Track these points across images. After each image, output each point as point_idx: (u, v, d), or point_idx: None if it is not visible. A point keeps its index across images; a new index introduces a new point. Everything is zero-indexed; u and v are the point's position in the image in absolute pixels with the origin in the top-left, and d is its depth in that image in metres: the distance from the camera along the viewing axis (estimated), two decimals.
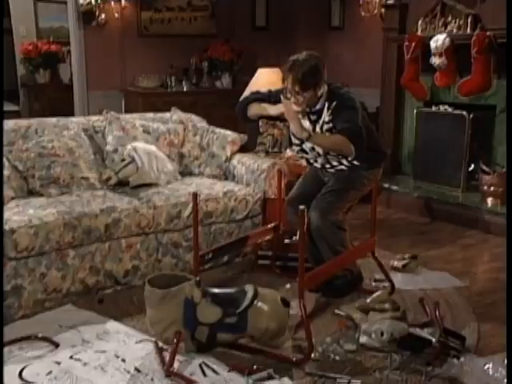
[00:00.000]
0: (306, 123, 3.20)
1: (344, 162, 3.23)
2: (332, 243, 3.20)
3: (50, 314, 3.04)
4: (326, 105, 3.14)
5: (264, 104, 3.30)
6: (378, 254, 3.82)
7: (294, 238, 3.49)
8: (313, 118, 3.21)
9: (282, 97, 3.17)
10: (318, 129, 3.19)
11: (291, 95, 3.10)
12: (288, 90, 3.11)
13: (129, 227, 3.31)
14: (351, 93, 3.27)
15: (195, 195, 2.91)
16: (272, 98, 3.30)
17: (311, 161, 3.39)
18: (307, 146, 3.25)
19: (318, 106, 3.17)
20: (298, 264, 2.67)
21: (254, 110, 3.33)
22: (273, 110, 3.23)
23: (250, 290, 2.61)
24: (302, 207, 2.65)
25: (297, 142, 3.30)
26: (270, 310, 2.57)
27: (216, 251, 3.17)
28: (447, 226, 4.62)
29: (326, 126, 3.16)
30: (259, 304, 2.56)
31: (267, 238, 3.52)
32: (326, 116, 3.15)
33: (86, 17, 5.99)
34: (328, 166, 3.31)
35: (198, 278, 2.62)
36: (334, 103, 3.13)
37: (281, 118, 3.27)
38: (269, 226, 3.53)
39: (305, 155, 3.38)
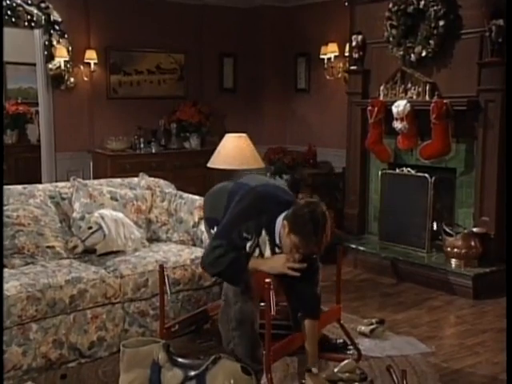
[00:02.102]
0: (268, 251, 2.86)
1: None
2: None
3: None
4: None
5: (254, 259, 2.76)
6: (345, 318, 3.84)
7: None
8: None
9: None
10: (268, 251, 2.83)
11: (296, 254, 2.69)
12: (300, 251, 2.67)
13: (95, 298, 3.27)
14: None
15: (162, 267, 2.91)
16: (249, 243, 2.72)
17: None
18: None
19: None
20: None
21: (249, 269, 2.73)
22: (267, 266, 2.75)
23: (212, 357, 2.61)
24: (268, 280, 2.66)
25: None
26: (229, 377, 2.55)
27: (181, 322, 3.15)
28: (413, 287, 4.67)
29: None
30: (217, 370, 2.56)
31: None
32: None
33: (55, 80, 6.05)
34: None
35: (166, 342, 2.62)
36: None
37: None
38: None
39: None
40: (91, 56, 6.21)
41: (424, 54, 4.84)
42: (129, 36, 6.44)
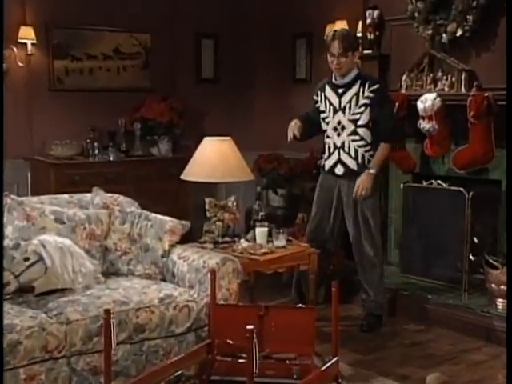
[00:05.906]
0: (334, 98, 4.65)
1: (360, 150, 4.63)
2: None
3: None
4: (359, 82, 4.55)
5: None
6: (358, 375, 3.84)
7: None
8: (340, 90, 4.63)
9: None
10: (344, 103, 4.60)
11: (334, 59, 4.52)
12: (331, 55, 4.52)
13: (31, 352, 3.22)
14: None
15: (108, 313, 2.85)
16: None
17: (331, 149, 4.78)
18: (333, 123, 4.71)
19: (346, 79, 4.59)
20: None
21: None
22: None
23: None
24: (250, 327, 2.63)
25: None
26: None
27: None
28: (447, 336, 4.67)
29: (357, 110, 4.55)
30: None
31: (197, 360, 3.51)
32: (361, 96, 4.54)
33: None
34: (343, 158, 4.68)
35: None
36: (376, 86, 4.55)
37: None
38: (198, 346, 3.55)
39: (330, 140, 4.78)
40: (27, 34, 6.15)
41: (459, 33, 4.87)
42: (77, 9, 6.40)
